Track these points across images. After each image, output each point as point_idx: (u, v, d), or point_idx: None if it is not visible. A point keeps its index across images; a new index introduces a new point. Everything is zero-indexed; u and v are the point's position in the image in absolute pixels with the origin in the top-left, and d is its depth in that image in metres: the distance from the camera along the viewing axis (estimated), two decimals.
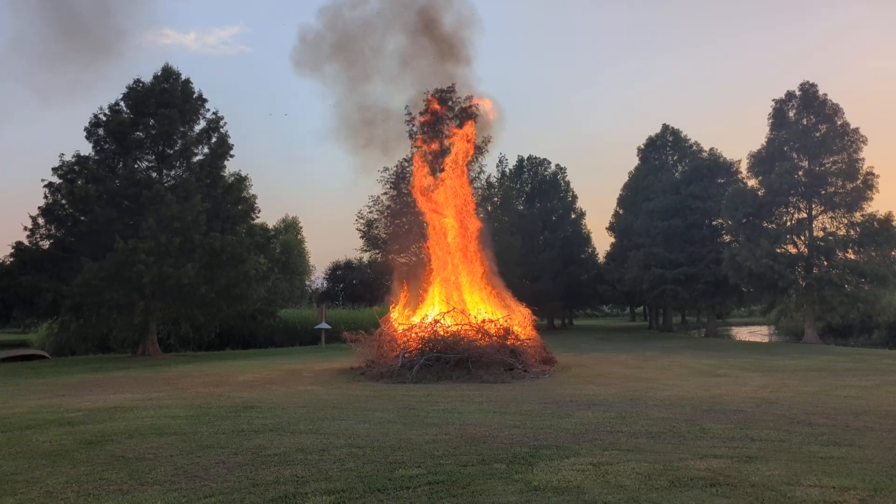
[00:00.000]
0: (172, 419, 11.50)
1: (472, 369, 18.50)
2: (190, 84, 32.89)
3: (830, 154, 37.38)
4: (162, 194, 29.18)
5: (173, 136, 31.89)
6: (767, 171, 38.27)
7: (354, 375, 19.76)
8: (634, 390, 15.21)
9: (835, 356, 25.96)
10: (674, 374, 19.23)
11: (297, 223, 72.60)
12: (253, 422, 11.13)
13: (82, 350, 37.60)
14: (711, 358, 25.42)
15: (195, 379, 19.46)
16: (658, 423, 10.62)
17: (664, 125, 58.24)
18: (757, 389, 15.30)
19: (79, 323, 31.18)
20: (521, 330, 21.81)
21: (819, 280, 35.97)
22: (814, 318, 38.10)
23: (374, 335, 21.96)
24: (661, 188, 50.21)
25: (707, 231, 47.53)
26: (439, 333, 20.13)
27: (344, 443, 9.23)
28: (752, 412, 11.78)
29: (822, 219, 37.92)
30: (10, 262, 29.71)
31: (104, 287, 27.90)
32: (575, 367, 21.49)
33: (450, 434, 9.82)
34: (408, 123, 41.63)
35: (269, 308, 37.47)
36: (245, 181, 34.67)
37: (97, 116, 31.35)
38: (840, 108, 37.57)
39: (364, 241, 47.95)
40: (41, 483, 7.36)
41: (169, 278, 28.36)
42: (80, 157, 30.79)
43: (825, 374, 18.80)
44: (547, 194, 61.57)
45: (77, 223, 30.09)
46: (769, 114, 39.54)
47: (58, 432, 10.43)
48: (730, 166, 47.95)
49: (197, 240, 29.23)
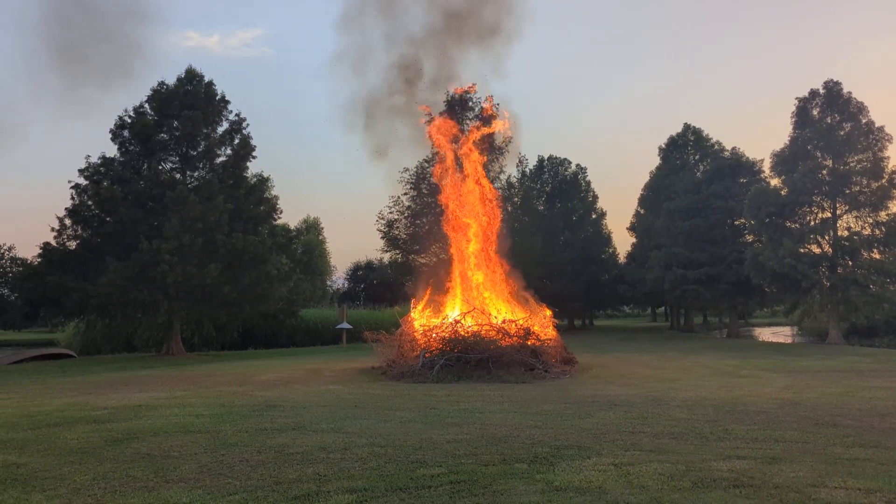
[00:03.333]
0: (196, 418, 11.64)
1: (492, 369, 18.51)
2: (213, 86, 33.20)
3: (855, 153, 36.93)
4: (185, 195, 29.48)
5: (196, 137, 32.20)
6: (791, 171, 37.87)
7: (375, 375, 19.85)
8: (656, 391, 15.14)
9: (859, 357, 25.65)
10: (696, 375, 19.11)
11: (318, 224, 72.97)
12: (275, 420, 11.24)
13: (108, 349, 38.13)
14: (734, 359, 25.23)
15: (218, 378, 19.65)
16: (680, 424, 10.59)
17: (685, 124, 57.85)
18: (780, 390, 15.17)
19: (104, 322, 31.59)
20: (541, 330, 21.78)
21: (843, 280, 35.55)
22: (838, 319, 37.65)
23: (395, 335, 22.03)
24: (683, 188, 49.85)
25: (729, 231, 47.14)
26: (460, 333, 20.17)
27: (366, 442, 9.29)
28: (775, 413, 11.70)
29: (846, 218, 37.47)
30: (38, 263, 30.14)
31: (129, 287, 28.24)
32: (596, 368, 21.43)
33: (471, 434, 9.85)
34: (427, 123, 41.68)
35: (291, 308, 37.71)
36: (267, 182, 34.87)
37: (122, 118, 31.75)
38: (865, 106, 37.12)
39: (384, 241, 48.09)
40: (69, 480, 7.50)
41: (192, 278, 28.64)
42: (105, 159, 31.17)
43: (850, 375, 18.60)
44: (567, 194, 61.38)
45: (103, 224, 30.47)
46: (792, 112, 39.13)
47: (85, 430, 10.60)
48: (752, 165, 47.52)
49: (219, 240, 29.49)
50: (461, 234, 24.02)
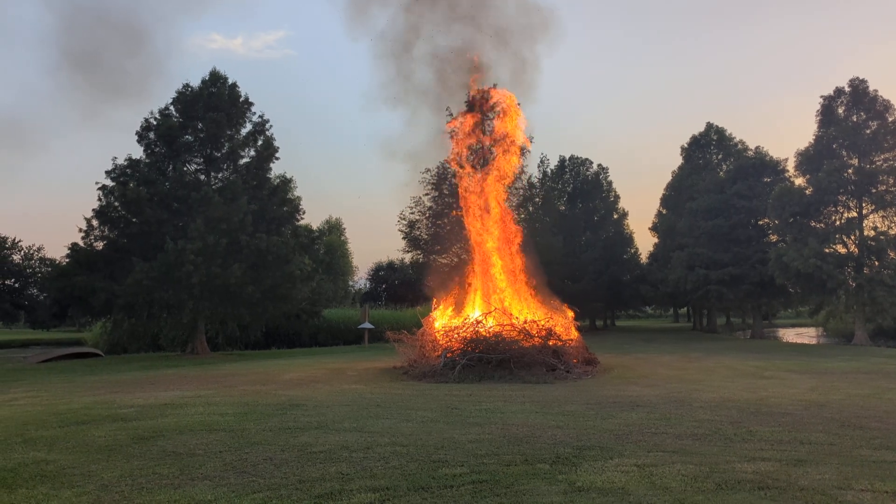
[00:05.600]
0: (221, 416, 11.77)
1: (514, 369, 18.50)
2: (237, 88, 33.53)
3: (881, 151, 36.50)
4: (210, 196, 29.79)
5: (221, 139, 32.52)
6: (815, 170, 37.47)
7: (397, 374, 19.92)
8: (679, 392, 15.06)
9: (886, 358, 25.31)
10: (719, 376, 18.96)
11: (340, 224, 73.31)
12: (299, 419, 11.33)
13: (134, 348, 38.59)
14: (758, 360, 24.99)
15: (242, 377, 19.83)
16: (703, 425, 10.53)
17: (708, 123, 57.40)
18: (805, 392, 15.03)
19: (131, 322, 31.98)
20: (563, 330, 21.73)
21: (870, 280, 35.11)
22: (864, 320, 37.17)
23: (417, 335, 22.10)
24: (706, 187, 49.45)
25: (753, 231, 46.68)
26: (481, 334, 20.18)
27: (388, 441, 9.35)
28: (800, 415, 11.59)
29: (872, 218, 37.03)
30: (66, 263, 30.60)
31: (155, 287, 28.57)
32: (618, 368, 21.33)
33: (493, 434, 9.87)
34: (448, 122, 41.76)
35: (314, 308, 37.96)
36: (290, 183, 35.14)
37: (148, 121, 32.17)
38: (891, 105, 36.64)
39: (406, 241, 48.19)
40: (97, 476, 7.62)
41: (216, 278, 28.92)
42: (131, 161, 31.58)
43: (876, 377, 18.37)
44: (589, 194, 61.13)
45: (129, 224, 30.86)
46: (817, 111, 38.73)
47: (112, 427, 10.76)
48: (776, 165, 47.03)
49: (243, 241, 29.75)
50: (482, 235, 24.03)
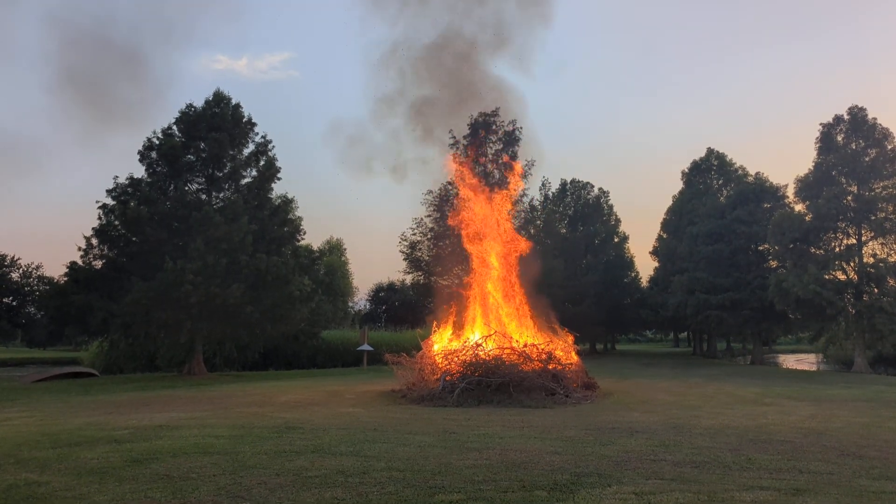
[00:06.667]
0: (216, 439, 11.68)
1: (513, 394, 18.40)
2: (240, 108, 33.67)
3: (880, 179, 36.65)
4: (210, 216, 29.77)
5: (223, 159, 32.60)
6: (815, 196, 37.59)
7: (395, 398, 19.79)
8: (678, 418, 14.96)
9: (886, 386, 25.19)
10: (719, 402, 18.85)
11: (341, 245, 73.30)
12: (295, 443, 11.25)
13: (130, 368, 38.41)
14: (757, 386, 24.88)
15: (239, 399, 19.71)
16: (702, 453, 10.45)
17: (709, 149, 57.74)
18: (805, 419, 14.93)
19: (128, 341, 31.84)
20: (563, 354, 21.65)
21: (869, 307, 35.07)
22: (864, 347, 37.07)
23: (416, 358, 21.98)
24: (706, 212, 49.59)
25: (753, 256, 46.73)
26: (481, 357, 20.08)
27: (384, 466, 9.27)
28: (799, 443, 11.51)
29: (872, 245, 37.08)
30: (65, 282, 30.53)
31: (153, 306, 28.47)
32: (617, 393, 21.22)
33: (490, 459, 9.79)
34: (452, 147, 42.07)
35: (313, 329, 37.85)
36: (291, 203, 35.19)
37: (150, 140, 32.24)
38: (890, 133, 36.89)
39: (407, 263, 48.23)
40: (88, 500, 7.55)
41: (215, 298, 28.83)
42: (133, 180, 31.62)
43: (876, 405, 18.26)
44: (590, 218, 61.27)
45: (129, 244, 30.82)
46: (816, 138, 38.96)
47: (105, 449, 10.67)
48: (776, 191, 47.21)
49: (243, 261, 29.71)
50: (483, 257, 24.04)
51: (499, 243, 24.10)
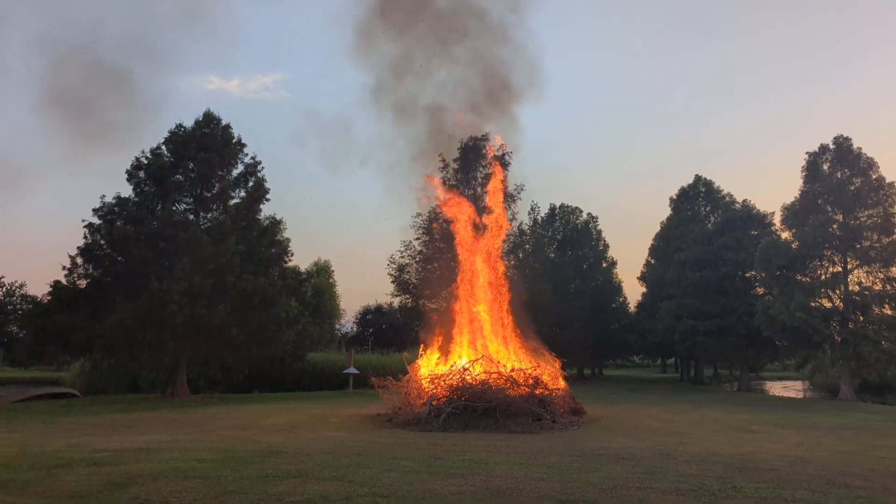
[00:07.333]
0: (198, 462, 11.52)
1: (499, 419, 18.29)
2: (230, 129, 33.64)
3: (865, 208, 36.96)
4: (198, 236, 29.62)
5: (212, 179, 32.50)
6: (801, 224, 37.86)
7: (381, 422, 19.64)
8: (665, 445, 14.92)
9: (871, 414, 25.26)
10: (705, 429, 18.83)
11: (328, 267, 73.05)
12: (278, 467, 11.11)
13: (113, 389, 37.92)
14: (744, 413, 24.88)
15: (222, 421, 19.50)
16: (688, 480, 10.40)
17: (697, 176, 58.24)
18: (791, 447, 14.92)
19: (110, 362, 31.48)
20: (550, 379, 21.57)
21: (855, 335, 35.21)
22: (850, 375, 37.16)
23: (402, 381, 21.83)
24: (693, 239, 49.83)
25: (740, 283, 46.91)
26: (468, 381, 19.98)
27: (368, 491, 9.16)
28: (785, 471, 11.48)
29: (857, 273, 37.29)
30: (48, 301, 30.21)
31: (137, 327, 28.19)
32: (604, 419, 21.16)
33: (475, 485, 9.70)
34: (441, 170, 42.16)
35: (298, 351, 37.55)
36: (279, 224, 35.09)
37: (139, 159, 32.10)
38: (875, 162, 37.26)
39: (395, 285, 48.03)
40: None
41: (200, 319, 28.60)
42: (120, 199, 31.45)
43: (862, 433, 18.28)
44: (578, 242, 61.40)
45: (114, 263, 30.58)
46: (803, 167, 39.29)
47: (85, 472, 10.50)
48: (763, 218, 47.54)
49: (230, 282, 29.54)
50: (471, 283, 24.05)
51: (487, 271, 24.10)
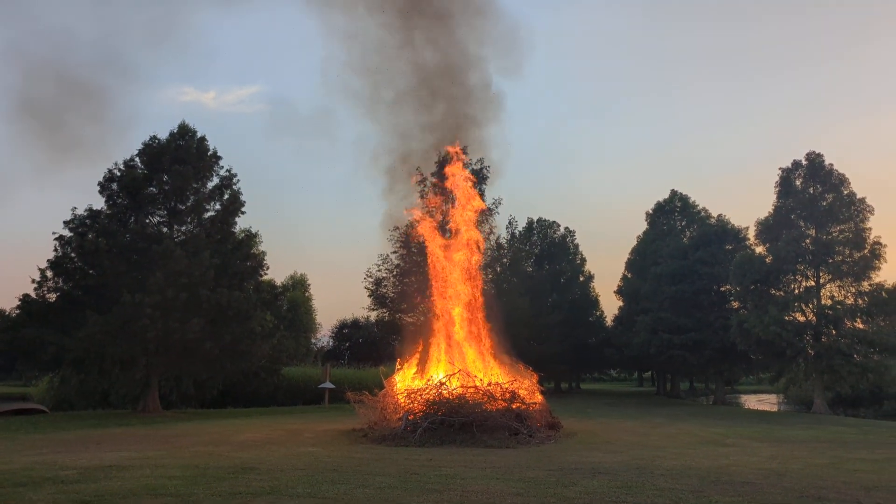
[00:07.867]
0: (168, 479, 11.29)
1: (476, 433, 18.21)
2: (205, 141, 33.29)
3: (837, 223, 37.50)
4: (171, 249, 29.24)
5: (186, 192, 32.12)
6: (775, 239, 38.34)
7: (357, 437, 19.48)
8: (641, 458, 14.91)
9: (844, 427, 25.50)
10: (681, 443, 18.88)
11: (305, 280, 72.57)
12: (251, 484, 10.92)
13: (82, 405, 37.19)
14: (719, 426, 25.00)
15: (194, 437, 19.21)
16: (664, 494, 10.37)
17: (672, 191, 58.76)
18: (765, 460, 14.99)
19: (80, 377, 30.92)
20: (527, 393, 21.54)
21: (827, 349, 35.61)
22: (823, 388, 37.56)
23: (378, 396, 21.69)
24: (669, 253, 50.22)
25: (715, 297, 47.34)
26: (444, 396, 19.89)
27: None
28: (760, 484, 11.50)
29: (829, 287, 37.77)
30: (16, 315, 29.65)
31: (108, 341, 27.72)
32: (581, 433, 21.15)
33: (451, 501, 9.60)
34: (419, 184, 42.11)
35: (273, 366, 37.15)
36: (255, 238, 34.78)
37: (112, 171, 31.66)
38: (846, 178, 37.85)
39: (372, 299, 47.80)
40: None
41: (173, 333, 28.21)
42: (92, 212, 31.00)
43: (835, 446, 18.43)
44: (556, 257, 61.60)
45: (85, 276, 30.04)
46: (776, 182, 39.81)
47: (51, 491, 10.24)
48: (738, 233, 48.10)
49: (204, 295, 29.16)
50: (447, 296, 23.97)
51: (463, 283, 24.05)
